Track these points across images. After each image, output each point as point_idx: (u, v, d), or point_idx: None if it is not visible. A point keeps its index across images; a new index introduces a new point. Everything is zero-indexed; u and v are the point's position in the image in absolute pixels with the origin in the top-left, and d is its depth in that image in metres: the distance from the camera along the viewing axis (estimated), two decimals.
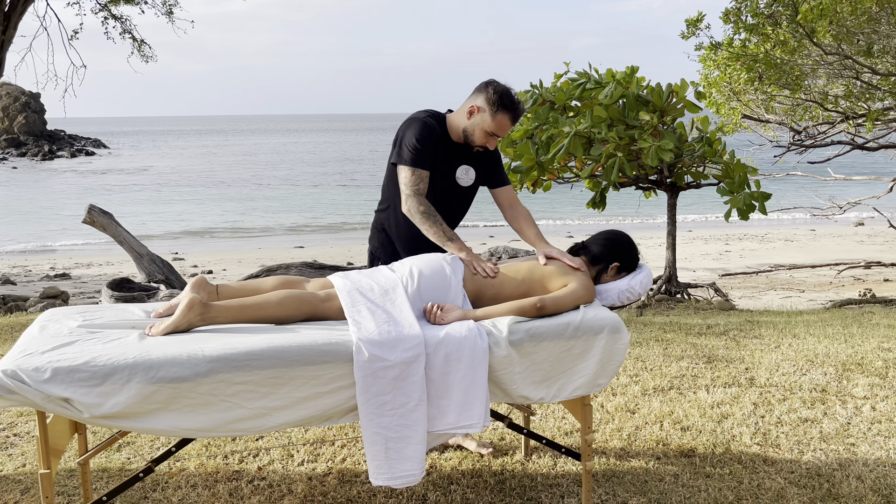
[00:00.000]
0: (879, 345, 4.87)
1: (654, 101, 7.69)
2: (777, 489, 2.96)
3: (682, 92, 7.71)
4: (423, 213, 2.96)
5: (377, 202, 3.32)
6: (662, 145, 7.18)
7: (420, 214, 2.96)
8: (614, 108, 7.67)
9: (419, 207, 2.96)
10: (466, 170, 3.12)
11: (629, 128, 7.56)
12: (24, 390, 2.17)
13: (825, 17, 6.12)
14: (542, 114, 8.08)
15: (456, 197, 3.15)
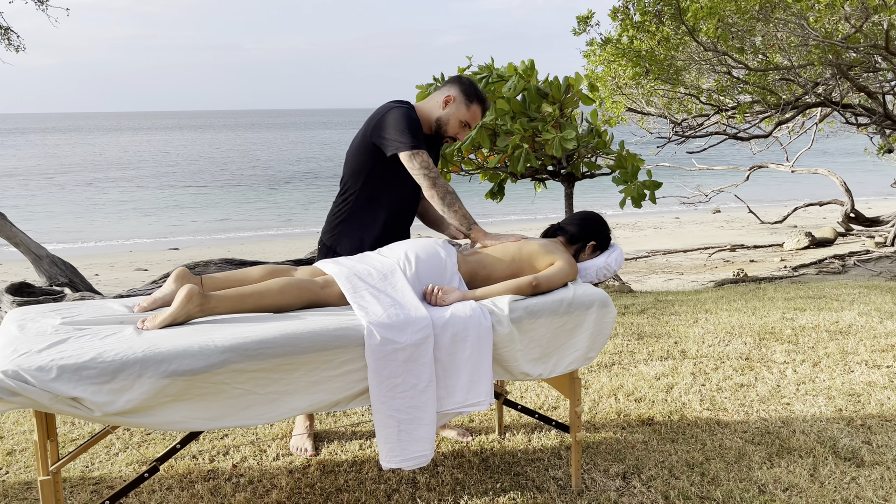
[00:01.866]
0: (783, 315, 5.31)
1: (553, 94, 7.97)
2: (737, 448, 3.19)
3: (577, 85, 8.04)
4: (453, 193, 2.94)
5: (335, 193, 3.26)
6: (565, 135, 7.47)
7: (450, 195, 2.91)
8: (516, 101, 7.89)
9: (448, 188, 2.93)
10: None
11: (531, 120, 7.81)
12: (29, 391, 2.02)
13: (714, 16, 6.57)
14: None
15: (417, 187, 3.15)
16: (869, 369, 4.14)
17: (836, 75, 8.63)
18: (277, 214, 21.95)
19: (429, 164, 2.93)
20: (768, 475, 2.94)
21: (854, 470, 2.98)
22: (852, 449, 3.15)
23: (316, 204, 24.00)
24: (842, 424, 3.42)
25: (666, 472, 2.99)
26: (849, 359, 4.31)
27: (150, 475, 2.41)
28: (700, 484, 2.89)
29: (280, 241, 16.99)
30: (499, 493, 2.86)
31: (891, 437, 3.26)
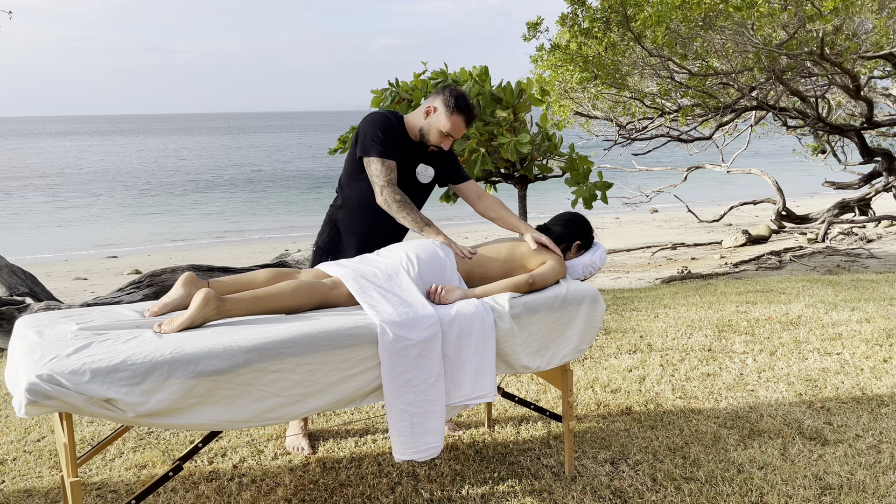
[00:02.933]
0: (737, 309, 5.60)
1: (506, 99, 8.17)
2: (713, 432, 3.41)
3: (529, 90, 8.26)
4: (399, 201, 3.06)
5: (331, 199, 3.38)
6: (520, 139, 7.67)
7: (396, 203, 3.06)
8: None
9: (394, 196, 3.06)
10: (425, 167, 3.26)
11: (486, 124, 7.99)
12: (65, 394, 2.07)
13: (662, 24, 6.87)
14: (402, 111, 8.30)
15: (416, 193, 3.29)
16: (821, 356, 4.44)
17: (770, 80, 9.08)
18: (215, 221, 21.62)
19: (381, 173, 3.07)
20: (744, 456, 3.16)
21: (820, 448, 3.22)
22: (816, 429, 3.40)
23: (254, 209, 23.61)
24: (803, 407, 3.68)
25: (650, 456, 3.18)
26: (802, 347, 4.61)
27: (175, 474, 2.47)
28: (683, 466, 3.09)
29: (224, 247, 16.80)
30: (497, 481, 3.00)
31: (849, 418, 3.53)
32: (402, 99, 8.54)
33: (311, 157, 47.18)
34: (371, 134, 3.11)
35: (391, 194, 3.06)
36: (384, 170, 3.09)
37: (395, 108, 8.48)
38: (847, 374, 4.14)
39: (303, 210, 23.48)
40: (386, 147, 3.10)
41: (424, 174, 3.27)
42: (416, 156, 3.26)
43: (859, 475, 2.97)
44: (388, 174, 3.08)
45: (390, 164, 3.10)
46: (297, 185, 31.17)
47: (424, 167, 3.26)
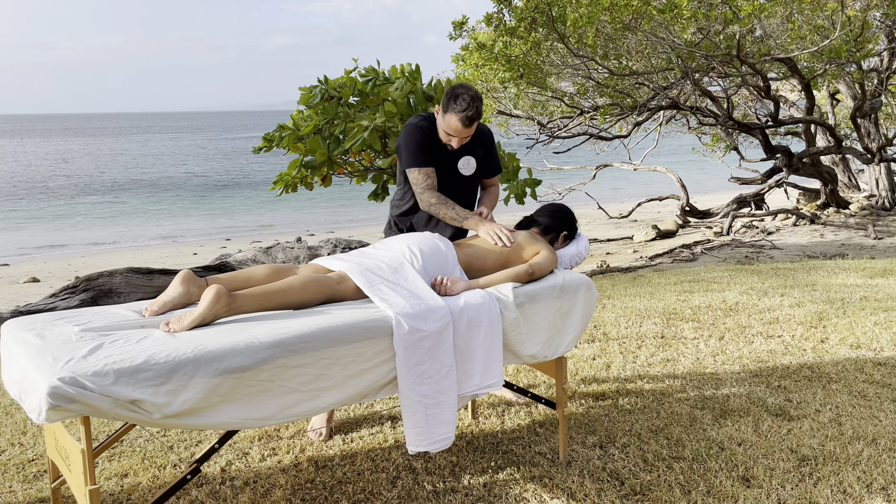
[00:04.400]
0: (677, 298, 5.84)
1: (437, 97, 8.21)
2: (687, 413, 3.56)
3: None
4: (436, 202, 3.22)
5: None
6: None
7: (434, 205, 3.23)
8: (402, 103, 8.06)
9: (431, 199, 3.23)
10: (468, 160, 3.39)
11: None
12: (89, 397, 1.97)
13: (592, 24, 7.07)
14: (331, 109, 8.21)
15: (461, 186, 3.42)
16: (765, 339, 4.69)
17: (683, 79, 9.50)
18: (105, 225, 20.66)
19: (419, 181, 3.27)
20: (721, 434, 3.31)
21: (787, 423, 3.41)
22: (779, 406, 3.61)
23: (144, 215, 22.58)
24: (762, 387, 3.88)
25: (636, 438, 3.29)
26: (746, 332, 4.86)
27: (193, 476, 2.38)
28: (669, 446, 3.21)
29: (123, 251, 16.11)
30: (496, 470, 3.03)
31: (805, 395, 3.75)
32: (332, 97, 8.45)
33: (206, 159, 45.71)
34: (406, 147, 3.30)
35: (429, 197, 3.24)
36: (421, 177, 3.26)
37: (323, 105, 8.39)
38: (793, 354, 4.39)
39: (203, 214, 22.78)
40: (419, 156, 3.27)
41: (467, 167, 3.41)
42: (456, 151, 3.36)
43: (829, 446, 3.17)
44: (424, 180, 3.26)
45: (427, 171, 3.27)
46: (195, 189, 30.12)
47: (467, 160, 3.39)
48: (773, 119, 9.90)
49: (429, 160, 3.27)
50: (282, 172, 8.58)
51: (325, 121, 8.26)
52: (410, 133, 3.33)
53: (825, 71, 9.62)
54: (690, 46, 7.49)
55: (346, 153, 8.21)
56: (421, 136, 3.29)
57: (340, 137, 8.13)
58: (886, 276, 6.61)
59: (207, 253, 14.94)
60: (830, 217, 13.04)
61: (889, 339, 4.61)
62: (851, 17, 6.87)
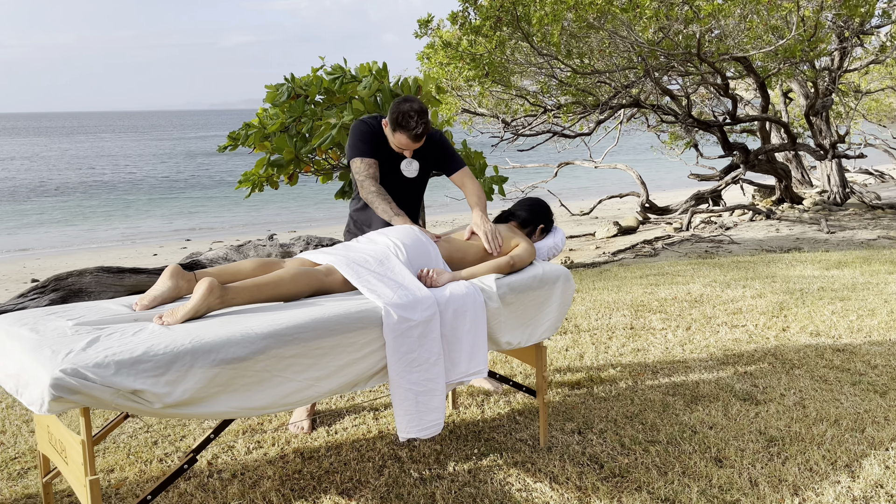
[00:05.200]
0: (644, 291, 6.00)
1: (404, 95, 8.26)
2: (660, 400, 3.68)
3: (426, 86, 8.41)
4: (374, 192, 3.25)
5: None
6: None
7: (371, 194, 3.26)
8: (370, 101, 8.10)
9: (371, 188, 3.26)
10: (409, 162, 3.43)
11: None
12: (91, 388, 2.00)
13: (558, 22, 7.20)
14: (298, 107, 8.22)
15: (406, 187, 3.48)
16: (730, 329, 4.86)
17: (644, 77, 9.70)
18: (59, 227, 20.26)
19: (360, 170, 3.32)
20: (693, 418, 3.45)
21: (754, 408, 3.56)
22: (746, 391, 3.75)
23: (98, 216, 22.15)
24: (730, 373, 4.03)
25: (612, 424, 3.41)
26: (712, 322, 5.02)
27: (190, 466, 2.42)
28: (644, 431, 3.33)
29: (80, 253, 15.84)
30: (480, 457, 3.12)
31: (770, 381, 3.91)
32: (298, 95, 8.46)
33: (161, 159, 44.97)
34: (350, 142, 3.38)
35: (368, 186, 3.28)
36: (362, 167, 3.31)
37: (290, 103, 8.39)
38: (756, 343, 4.56)
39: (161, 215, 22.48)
40: (361, 147, 3.32)
41: (409, 169, 3.45)
42: (399, 153, 3.41)
43: (795, 428, 3.32)
44: (365, 169, 3.30)
45: (368, 161, 3.31)
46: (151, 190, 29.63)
47: (409, 162, 3.43)
48: (731, 117, 10.16)
49: (370, 153, 3.32)
50: (248, 171, 8.56)
51: (291, 119, 8.27)
52: (355, 128, 3.41)
53: (779, 70, 9.92)
54: (652, 45, 7.67)
55: (314, 151, 8.23)
56: (365, 130, 3.37)
57: (307, 136, 8.15)
58: (841, 268, 6.86)
59: (168, 253, 14.78)
60: (785, 212, 13.41)
61: (846, 327, 4.81)
62: (805, 18, 7.11)
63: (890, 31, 9.72)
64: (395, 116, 3.23)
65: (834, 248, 10.08)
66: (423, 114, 3.22)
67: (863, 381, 3.85)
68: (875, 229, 11.71)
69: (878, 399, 3.62)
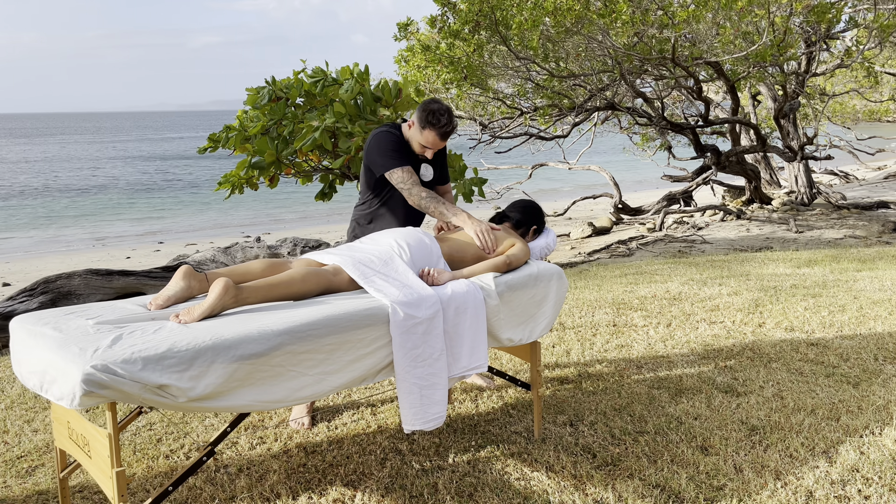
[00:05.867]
0: (624, 289, 6.17)
1: (385, 98, 8.38)
2: (646, 393, 3.84)
3: (406, 89, 8.52)
4: (426, 197, 3.34)
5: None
6: None
7: (424, 199, 3.34)
8: (351, 104, 8.20)
9: (422, 194, 3.35)
10: (426, 167, 3.59)
11: (369, 122, 8.16)
12: (120, 383, 2.09)
13: (536, 27, 7.35)
14: (279, 109, 8.29)
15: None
16: (709, 325, 5.04)
17: (617, 81, 9.91)
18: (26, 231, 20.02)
19: (404, 179, 3.38)
20: (678, 410, 3.61)
21: (736, 399, 3.73)
22: (727, 384, 3.93)
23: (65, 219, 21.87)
24: (711, 367, 4.21)
25: (602, 416, 3.55)
26: (691, 318, 5.20)
27: (208, 458, 2.51)
28: (632, 422, 3.48)
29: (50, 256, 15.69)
30: (478, 448, 3.24)
31: (749, 374, 4.08)
32: (279, 98, 8.52)
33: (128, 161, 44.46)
34: (381, 151, 3.43)
35: (419, 192, 3.35)
36: (406, 175, 3.38)
37: (271, 106, 8.46)
38: (735, 338, 4.74)
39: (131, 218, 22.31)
40: (399, 157, 3.41)
41: (427, 174, 3.60)
42: (418, 157, 3.56)
43: (775, 418, 3.49)
44: (409, 178, 3.38)
45: (408, 169, 3.40)
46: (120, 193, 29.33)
47: (426, 167, 3.59)
48: (703, 119, 10.41)
49: (406, 160, 3.44)
50: (228, 173, 8.62)
51: (273, 121, 8.34)
52: (383, 139, 3.48)
53: (748, 73, 10.18)
54: (628, 49, 7.86)
55: (295, 154, 8.31)
56: (394, 139, 3.47)
57: (288, 138, 8.23)
58: (812, 266, 7.10)
59: (141, 256, 14.72)
60: (755, 212, 13.73)
61: (819, 322, 5.01)
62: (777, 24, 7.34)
63: (855, 35, 10.04)
64: (425, 115, 3.37)
65: (803, 247, 10.38)
66: (452, 114, 3.37)
67: (836, 373, 4.05)
68: (841, 229, 12.05)
69: (851, 390, 3.81)
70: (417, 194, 3.35)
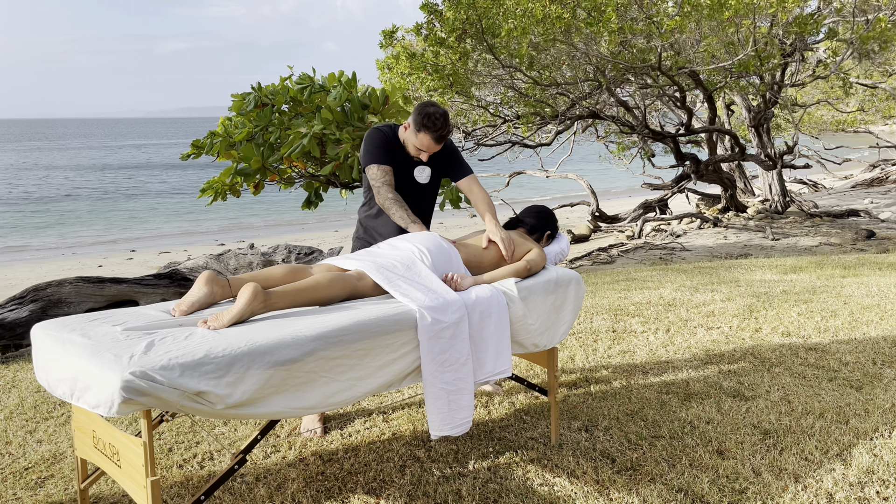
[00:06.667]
0: (618, 296, 6.20)
1: (372, 105, 8.35)
2: (655, 398, 3.86)
3: (393, 96, 8.50)
4: (391, 199, 3.35)
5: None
6: None
7: (388, 200, 3.35)
8: (338, 111, 8.16)
9: (388, 195, 3.36)
10: (422, 169, 3.56)
11: (356, 129, 8.12)
12: (159, 390, 2.05)
13: (525, 36, 7.39)
14: (265, 116, 8.22)
15: (418, 193, 3.59)
16: (707, 331, 5.08)
17: (598, 90, 10.00)
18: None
19: (377, 177, 3.41)
20: (690, 414, 3.63)
21: (744, 403, 3.76)
22: (734, 389, 3.96)
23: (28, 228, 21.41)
24: (715, 372, 4.24)
25: (615, 421, 3.56)
26: (688, 324, 5.24)
27: (240, 466, 2.46)
28: (646, 427, 3.49)
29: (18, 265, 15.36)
30: (497, 455, 3.23)
31: (753, 378, 4.12)
32: (265, 104, 8.46)
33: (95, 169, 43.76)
34: (365, 147, 3.48)
35: (385, 192, 3.37)
36: (379, 173, 3.41)
37: (256, 112, 8.39)
38: (734, 343, 4.79)
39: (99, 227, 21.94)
40: (377, 155, 3.42)
41: (422, 175, 3.57)
42: (413, 159, 3.53)
43: (785, 421, 3.53)
44: (382, 176, 3.40)
45: (384, 168, 3.41)
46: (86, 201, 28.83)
47: (421, 168, 3.55)
48: (685, 128, 10.55)
49: (386, 160, 3.44)
50: (211, 179, 8.53)
51: (258, 128, 8.27)
52: (370, 136, 3.51)
53: (725, 83, 10.34)
54: (615, 58, 7.94)
55: (280, 160, 8.24)
56: (380, 138, 3.49)
57: (274, 145, 8.17)
58: (798, 272, 7.21)
59: (114, 265, 14.49)
60: (731, 220, 13.92)
61: (813, 327, 5.08)
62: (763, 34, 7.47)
63: (831, 46, 10.25)
64: (420, 118, 3.36)
65: (780, 254, 10.54)
66: (447, 117, 3.36)
67: (838, 378, 4.10)
68: (816, 236, 12.27)
69: (856, 393, 3.86)
70: (384, 195, 3.36)
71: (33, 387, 4.29)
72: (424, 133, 3.39)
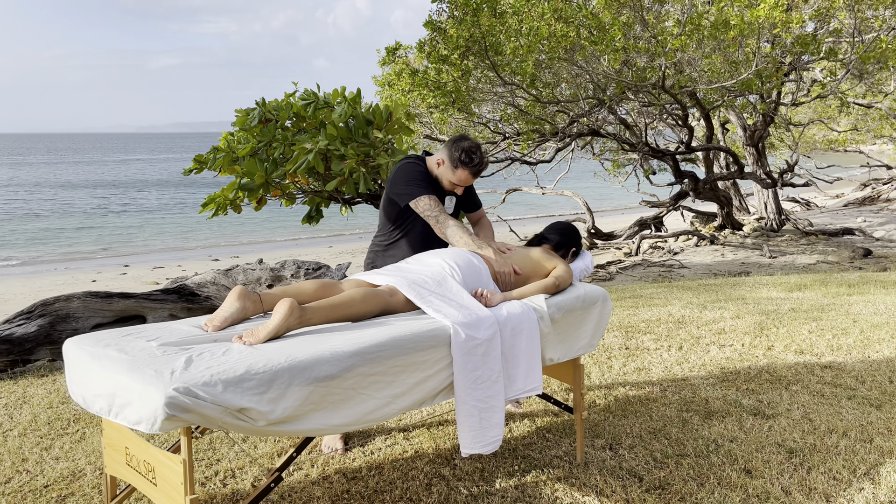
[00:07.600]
0: (627, 313, 6.19)
1: (377, 121, 8.35)
2: (676, 416, 3.83)
3: (397, 113, 8.51)
4: (455, 225, 3.32)
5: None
6: (396, 160, 7.89)
7: (452, 227, 3.31)
8: (342, 127, 8.15)
9: (450, 223, 3.32)
10: (450, 199, 3.59)
11: (361, 145, 8.11)
12: (202, 406, 2.01)
13: (532, 53, 7.42)
14: (269, 131, 8.20)
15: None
16: (719, 348, 5.08)
17: (598, 107, 10.04)
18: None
19: (430, 207, 3.36)
20: (713, 432, 3.60)
21: (766, 422, 3.74)
22: (754, 407, 3.94)
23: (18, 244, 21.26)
24: (733, 390, 4.22)
25: (639, 439, 3.53)
26: (701, 342, 5.23)
27: (276, 484, 2.42)
28: (670, 445, 3.46)
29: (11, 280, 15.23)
30: (523, 473, 3.19)
31: (773, 396, 4.11)
32: (269, 119, 8.44)
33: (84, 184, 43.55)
34: (405, 181, 3.42)
35: (445, 221, 3.32)
36: (431, 203, 3.36)
37: (259, 128, 8.37)
38: (748, 361, 4.78)
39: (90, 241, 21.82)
40: (422, 186, 3.40)
41: (449, 205, 3.60)
42: (441, 190, 3.56)
43: (809, 440, 3.51)
44: (435, 206, 3.36)
45: (435, 198, 3.38)
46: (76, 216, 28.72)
47: (449, 199, 3.59)
48: (686, 146, 10.61)
49: (430, 189, 3.42)
50: (213, 194, 8.49)
51: (262, 143, 8.24)
52: (409, 169, 3.47)
53: (723, 101, 10.41)
54: (619, 76, 7.98)
55: (283, 176, 8.22)
56: (420, 170, 3.48)
57: (277, 160, 8.14)
58: (803, 290, 7.23)
59: (107, 280, 14.38)
60: (728, 238, 13.97)
61: (826, 345, 5.08)
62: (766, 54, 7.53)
63: (828, 66, 10.34)
64: (458, 154, 3.37)
65: (778, 271, 10.58)
66: (482, 150, 3.38)
67: (857, 396, 4.09)
68: (812, 254, 12.33)
69: (876, 412, 3.85)
70: (444, 222, 3.31)
71: (45, 403, 4.23)
72: (462, 169, 3.42)
